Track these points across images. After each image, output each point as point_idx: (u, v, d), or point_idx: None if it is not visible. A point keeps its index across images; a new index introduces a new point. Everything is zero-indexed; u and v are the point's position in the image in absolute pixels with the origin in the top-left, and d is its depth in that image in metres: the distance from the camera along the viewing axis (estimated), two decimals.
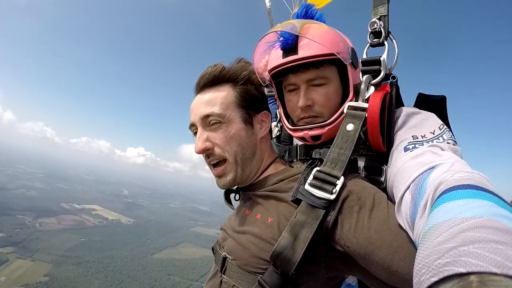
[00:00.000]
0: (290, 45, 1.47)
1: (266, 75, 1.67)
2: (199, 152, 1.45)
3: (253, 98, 1.51)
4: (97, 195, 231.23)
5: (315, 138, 1.56)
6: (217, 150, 1.44)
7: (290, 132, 1.67)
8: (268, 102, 1.77)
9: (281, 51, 1.51)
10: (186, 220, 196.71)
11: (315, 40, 1.43)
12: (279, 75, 1.58)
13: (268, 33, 1.55)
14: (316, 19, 1.61)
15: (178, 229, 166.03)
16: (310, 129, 1.54)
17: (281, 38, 1.49)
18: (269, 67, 1.60)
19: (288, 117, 1.71)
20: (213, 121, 1.43)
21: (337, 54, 1.43)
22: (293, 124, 1.66)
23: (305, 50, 1.45)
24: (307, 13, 1.63)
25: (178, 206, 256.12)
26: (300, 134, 1.59)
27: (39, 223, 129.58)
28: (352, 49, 1.55)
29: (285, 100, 1.66)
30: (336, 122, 1.48)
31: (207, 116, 1.43)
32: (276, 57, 1.55)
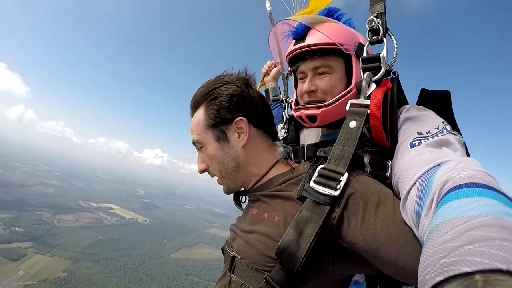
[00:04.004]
0: (299, 34, 1.64)
1: (286, 65, 1.85)
2: (200, 173, 1.61)
3: (222, 111, 1.50)
4: (113, 194, 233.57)
5: (310, 118, 1.65)
6: (210, 170, 1.58)
7: (293, 112, 1.81)
8: (273, 107, 1.95)
9: (294, 40, 1.70)
10: (201, 222, 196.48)
11: (321, 30, 1.58)
12: (292, 63, 1.75)
13: (280, 23, 1.75)
14: (343, 22, 1.77)
15: (194, 230, 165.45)
16: (306, 108, 1.65)
17: (294, 29, 1.67)
18: (285, 55, 1.78)
19: (296, 104, 1.82)
20: (198, 146, 1.56)
21: (339, 45, 1.54)
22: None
23: (311, 38, 1.61)
24: (330, 14, 1.81)
25: (193, 208, 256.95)
26: (298, 113, 1.70)
27: (57, 220, 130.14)
28: (360, 44, 1.62)
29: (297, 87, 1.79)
30: (332, 106, 1.57)
31: (193, 142, 1.58)
32: (290, 46, 1.74)
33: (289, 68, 1.84)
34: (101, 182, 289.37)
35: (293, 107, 1.80)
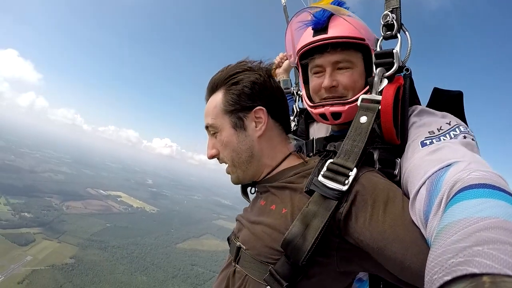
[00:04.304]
0: (321, 24, 1.54)
1: (295, 59, 1.77)
2: (209, 158, 1.57)
3: (242, 98, 1.47)
4: (122, 182, 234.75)
5: (335, 115, 1.59)
6: (221, 156, 1.54)
7: (311, 110, 1.72)
8: None
9: (312, 31, 1.59)
10: (209, 213, 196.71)
11: (348, 20, 1.52)
12: (307, 55, 1.64)
13: (300, 12, 1.65)
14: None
15: (201, 221, 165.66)
16: (331, 105, 1.58)
17: (313, 18, 1.56)
18: (299, 47, 1.67)
19: (309, 99, 1.76)
20: (212, 131, 1.52)
21: (366, 40, 1.53)
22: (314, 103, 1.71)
23: (336, 30, 1.53)
24: (338, 3, 1.71)
25: (201, 199, 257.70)
26: (321, 110, 1.62)
27: (66, 206, 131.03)
28: (377, 39, 1.59)
29: (310, 81, 1.72)
30: (357, 102, 1.48)
31: (206, 126, 1.54)
32: (306, 37, 1.63)
33: (297, 61, 1.75)
34: (110, 170, 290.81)
35: (308, 103, 1.72)
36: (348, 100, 1.54)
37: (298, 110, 2.27)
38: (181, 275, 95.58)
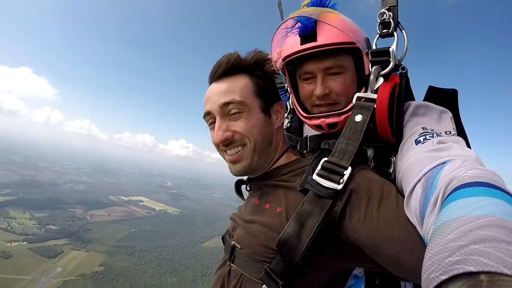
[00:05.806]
0: (309, 31, 1.46)
1: (279, 64, 1.68)
2: (219, 143, 1.44)
3: (268, 88, 1.51)
4: (142, 187, 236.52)
5: (331, 126, 1.55)
6: (237, 136, 1.43)
7: (305, 120, 1.67)
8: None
9: (298, 38, 1.50)
10: (230, 210, 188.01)
11: (336, 26, 1.44)
12: (295, 62, 1.58)
13: (286, 20, 1.56)
14: (330, 7, 1.62)
15: (224, 218, 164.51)
16: (327, 117, 1.54)
17: (299, 24, 1.49)
18: (285, 54, 1.59)
19: (300, 106, 1.71)
20: (234, 110, 1.42)
21: (356, 43, 1.46)
22: (307, 112, 1.66)
23: (325, 37, 1.44)
24: (321, 2, 1.61)
25: (221, 196, 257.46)
26: (317, 122, 1.58)
27: (90, 215, 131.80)
28: (367, 39, 1.57)
29: (299, 88, 1.66)
30: None
31: (227, 103, 1.41)
32: (292, 44, 1.54)
33: (283, 67, 1.69)
34: (129, 176, 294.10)
35: (302, 113, 1.67)
36: (344, 110, 1.50)
37: (292, 106, 2.07)
38: (210, 273, 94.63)
